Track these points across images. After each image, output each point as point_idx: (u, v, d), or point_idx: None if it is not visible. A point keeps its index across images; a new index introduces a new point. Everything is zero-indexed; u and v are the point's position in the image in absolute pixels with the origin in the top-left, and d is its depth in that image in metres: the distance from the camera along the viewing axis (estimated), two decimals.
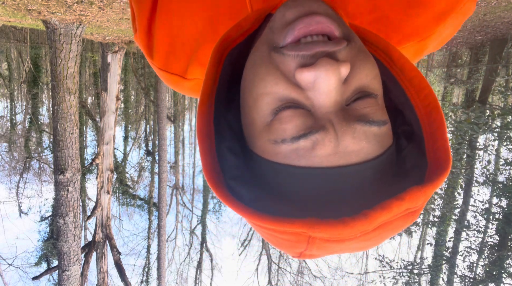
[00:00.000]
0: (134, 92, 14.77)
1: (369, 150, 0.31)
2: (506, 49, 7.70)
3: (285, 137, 0.31)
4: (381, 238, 0.32)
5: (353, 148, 0.30)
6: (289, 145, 0.31)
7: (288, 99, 0.32)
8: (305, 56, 0.31)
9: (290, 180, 0.32)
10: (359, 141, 0.31)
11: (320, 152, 0.30)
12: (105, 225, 6.86)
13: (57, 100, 4.31)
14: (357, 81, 0.32)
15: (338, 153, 0.30)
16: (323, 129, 0.30)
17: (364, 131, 0.31)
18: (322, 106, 0.31)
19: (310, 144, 0.31)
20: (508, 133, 6.91)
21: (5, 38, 11.55)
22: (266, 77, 0.33)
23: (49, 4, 3.96)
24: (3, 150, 12.46)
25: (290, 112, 0.31)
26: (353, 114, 0.31)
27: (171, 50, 0.55)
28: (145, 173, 13.87)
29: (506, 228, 6.80)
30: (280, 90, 0.32)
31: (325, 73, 0.29)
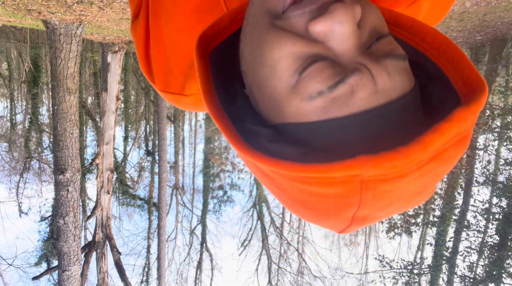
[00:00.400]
0: (134, 92, 14.77)
1: (404, 84, 0.31)
2: (506, 49, 7.70)
3: (321, 88, 0.30)
4: (438, 172, 0.30)
5: (390, 84, 0.30)
6: (327, 96, 0.30)
7: (310, 55, 0.31)
8: (312, 11, 0.31)
9: (334, 133, 0.30)
10: (394, 75, 0.30)
11: (361, 94, 0.29)
12: (105, 225, 6.86)
13: (57, 100, 4.31)
14: (370, 24, 0.32)
15: (378, 92, 0.30)
16: (358, 71, 0.29)
17: (394, 66, 0.30)
18: (346, 52, 0.30)
19: (348, 88, 0.29)
20: (508, 133, 6.91)
21: (5, 38, 11.55)
22: (280, 41, 0.31)
23: (49, 4, 3.96)
24: (3, 150, 12.46)
25: (317, 65, 0.30)
26: (378, 53, 0.30)
27: (168, 71, 0.57)
28: (145, 173, 13.88)
29: (506, 228, 6.80)
30: (299, 49, 0.31)
31: (340, 18, 0.29)
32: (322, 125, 0.31)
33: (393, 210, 0.32)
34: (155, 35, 0.57)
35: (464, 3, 5.04)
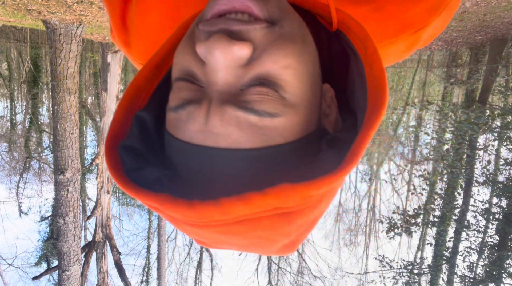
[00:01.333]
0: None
1: (240, 139, 0.29)
2: (506, 49, 7.70)
3: (171, 105, 0.31)
4: (249, 236, 0.30)
5: (220, 131, 0.29)
6: (172, 114, 0.31)
7: (188, 71, 0.32)
8: (209, 32, 0.31)
9: (169, 149, 0.32)
10: (228, 125, 0.29)
11: (190, 126, 0.30)
12: (105, 225, 6.86)
13: (57, 100, 4.31)
14: (261, 67, 0.30)
15: (205, 131, 0.29)
16: (198, 103, 0.30)
17: (236, 117, 0.29)
18: (211, 83, 0.30)
19: (185, 116, 0.30)
20: (508, 133, 6.91)
21: (5, 38, 11.55)
22: (181, 49, 0.33)
23: (49, 4, 3.96)
24: (3, 150, 12.46)
25: (182, 84, 0.31)
26: (234, 99, 0.29)
27: (148, 42, 0.55)
28: None
29: (506, 228, 6.80)
30: (186, 62, 0.32)
31: (215, 49, 0.28)
32: (167, 137, 0.32)
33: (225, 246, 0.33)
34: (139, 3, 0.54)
35: (464, 3, 5.04)
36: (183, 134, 0.30)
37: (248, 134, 0.29)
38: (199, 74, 0.31)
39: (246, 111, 0.29)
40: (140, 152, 0.34)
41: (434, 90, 11.75)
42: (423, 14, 0.48)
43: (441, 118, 8.13)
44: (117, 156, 0.33)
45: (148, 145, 0.35)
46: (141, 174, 0.31)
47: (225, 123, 0.29)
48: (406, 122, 12.12)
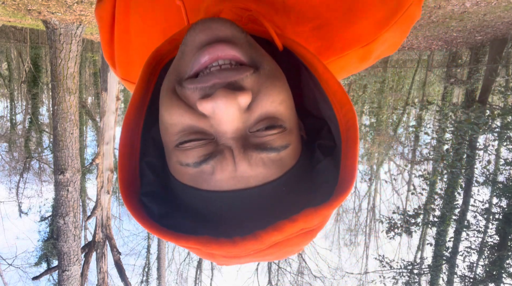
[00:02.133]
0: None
1: (267, 175, 0.33)
2: (506, 49, 7.70)
3: (189, 162, 0.33)
4: (281, 253, 0.34)
5: (250, 174, 0.32)
6: (192, 169, 0.33)
7: (194, 128, 0.34)
8: (204, 88, 0.32)
9: (194, 200, 0.34)
10: (256, 167, 0.32)
11: (219, 176, 0.32)
12: (105, 225, 6.86)
13: (57, 100, 4.31)
14: (262, 108, 0.33)
15: (236, 177, 0.32)
16: (221, 155, 0.32)
17: (261, 158, 0.33)
18: (223, 133, 0.33)
19: (210, 169, 0.33)
20: (508, 133, 6.91)
21: (5, 38, 11.55)
22: (172, 110, 0.34)
23: (49, 4, 3.96)
24: (3, 150, 12.46)
25: (193, 143, 0.33)
26: (252, 142, 0.33)
27: (130, 61, 0.56)
28: None
29: (506, 228, 6.80)
30: (186, 121, 0.33)
31: (223, 104, 0.30)
32: (188, 190, 0.34)
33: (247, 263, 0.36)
34: (121, 23, 0.55)
35: (464, 3, 5.04)
36: (210, 184, 0.33)
37: (272, 168, 0.33)
38: (205, 128, 0.33)
39: (268, 152, 0.33)
40: (162, 196, 0.37)
41: (434, 90, 11.75)
42: (370, 29, 0.48)
43: (441, 118, 8.13)
44: (137, 203, 0.36)
45: (164, 188, 0.38)
46: (173, 222, 0.35)
47: (253, 166, 0.32)
48: (406, 122, 12.12)
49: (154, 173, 0.38)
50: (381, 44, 0.50)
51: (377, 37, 0.48)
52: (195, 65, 0.34)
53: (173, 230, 0.33)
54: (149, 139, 0.41)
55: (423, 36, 7.02)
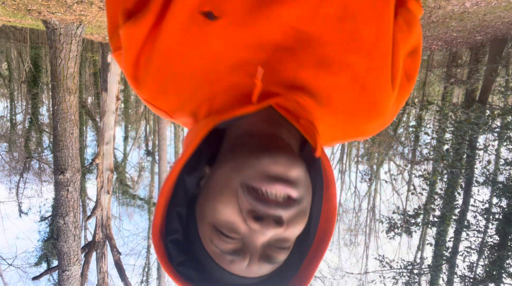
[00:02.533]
0: (134, 92, 14.74)
1: (264, 272, 0.46)
2: (506, 49, 7.70)
3: (219, 247, 0.44)
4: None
5: (256, 271, 0.45)
6: (218, 251, 0.44)
7: (232, 226, 0.44)
8: (260, 210, 0.42)
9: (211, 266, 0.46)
10: (260, 269, 0.45)
11: (236, 266, 0.44)
12: (105, 225, 6.86)
13: (57, 100, 4.31)
14: (285, 234, 0.44)
15: (245, 270, 0.44)
16: (243, 256, 0.44)
17: (267, 266, 0.45)
18: (252, 240, 0.43)
19: (229, 260, 0.44)
20: (508, 133, 6.91)
21: (5, 38, 11.55)
22: (227, 204, 0.43)
23: (49, 4, 3.96)
24: (3, 150, 12.46)
25: (227, 239, 0.44)
26: (266, 253, 0.45)
27: (163, 90, 0.53)
28: (145, 173, 13.87)
29: (506, 228, 6.80)
30: (232, 219, 0.43)
31: (267, 231, 0.42)
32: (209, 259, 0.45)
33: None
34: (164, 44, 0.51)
35: (464, 3, 5.04)
36: (227, 267, 0.45)
37: (267, 270, 0.46)
38: (242, 230, 0.43)
39: (273, 264, 0.45)
40: (182, 245, 0.48)
41: (434, 90, 11.75)
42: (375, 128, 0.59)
43: (441, 118, 8.13)
44: (163, 247, 0.47)
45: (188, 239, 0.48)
46: (187, 272, 0.46)
47: (259, 270, 0.45)
48: (406, 122, 12.12)
49: (180, 223, 0.48)
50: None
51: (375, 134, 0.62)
52: (258, 184, 0.42)
53: (183, 277, 0.46)
54: (181, 187, 0.49)
55: (423, 36, 7.01)
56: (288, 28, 0.49)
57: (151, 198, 12.74)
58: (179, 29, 0.50)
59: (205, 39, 0.50)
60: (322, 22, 0.50)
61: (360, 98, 0.55)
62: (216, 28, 0.49)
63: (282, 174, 0.41)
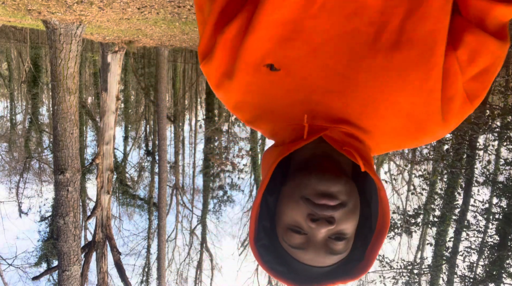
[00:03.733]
0: (134, 92, 14.76)
1: (328, 263, 0.59)
2: None
3: (289, 242, 0.59)
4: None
5: (322, 260, 0.58)
6: (288, 246, 0.59)
7: (298, 225, 0.58)
8: (315, 214, 0.56)
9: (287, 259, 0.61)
10: (325, 259, 0.58)
11: (305, 256, 0.58)
12: (105, 225, 6.86)
13: (57, 100, 4.31)
14: (338, 228, 0.57)
15: (312, 260, 0.58)
16: (307, 249, 0.58)
17: (330, 256, 0.58)
18: (314, 237, 0.57)
19: (298, 252, 0.58)
20: (508, 133, 6.91)
21: (5, 38, 11.55)
22: (293, 210, 0.58)
23: (49, 4, 3.96)
24: (3, 150, 12.47)
25: (297, 235, 0.58)
26: (329, 246, 0.57)
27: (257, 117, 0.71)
28: (145, 173, 13.87)
29: (506, 228, 6.80)
30: (298, 219, 0.58)
31: (322, 229, 0.55)
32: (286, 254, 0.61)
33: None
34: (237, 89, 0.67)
35: None
36: (298, 257, 0.59)
37: (332, 261, 0.59)
38: (305, 228, 0.58)
39: (336, 254, 0.58)
40: (268, 248, 0.63)
41: None
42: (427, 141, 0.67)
43: None
44: (257, 251, 0.63)
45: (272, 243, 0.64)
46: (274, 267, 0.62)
47: (325, 260, 0.58)
48: None
49: (265, 232, 0.64)
50: None
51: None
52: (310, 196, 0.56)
53: (274, 271, 0.62)
54: (265, 204, 0.66)
55: None
56: (336, 75, 0.61)
57: (151, 198, 12.74)
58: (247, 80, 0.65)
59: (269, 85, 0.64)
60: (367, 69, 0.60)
61: (406, 127, 0.64)
62: (277, 77, 0.63)
63: (325, 190, 0.56)
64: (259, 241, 0.63)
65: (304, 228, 0.58)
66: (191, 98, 16.50)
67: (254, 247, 0.63)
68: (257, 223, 0.64)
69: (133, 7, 4.57)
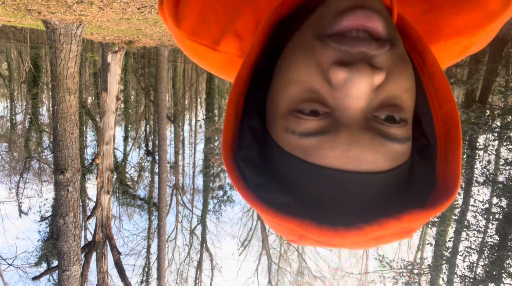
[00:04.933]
0: (134, 92, 14.76)
1: (382, 164, 0.31)
2: (506, 49, 7.70)
3: (295, 130, 0.31)
4: (372, 246, 0.33)
5: (365, 158, 0.30)
6: (296, 138, 0.31)
7: (316, 93, 0.32)
8: (346, 52, 0.30)
9: (295, 172, 0.32)
10: (375, 153, 0.30)
11: (327, 152, 0.30)
12: (105, 225, 6.86)
13: (57, 100, 4.31)
14: (388, 91, 0.31)
15: (348, 157, 0.30)
16: (334, 133, 0.30)
17: (383, 145, 0.30)
18: (346, 109, 0.31)
19: (316, 143, 0.31)
20: (508, 133, 6.91)
21: (5, 38, 11.55)
22: (302, 66, 0.32)
23: (49, 4, 3.96)
24: (3, 150, 12.47)
25: (311, 118, 0.31)
26: (374, 126, 0.31)
27: (203, 19, 0.50)
28: (145, 173, 13.87)
29: (506, 228, 6.80)
30: (312, 81, 0.32)
31: (358, 78, 0.29)
32: (290, 160, 0.32)
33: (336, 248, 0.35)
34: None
35: None
36: (318, 159, 0.31)
37: (387, 159, 0.31)
38: (327, 97, 0.31)
39: (392, 141, 0.31)
40: (258, 164, 0.35)
41: None
42: (481, 19, 0.46)
43: None
44: (236, 168, 0.34)
45: (262, 155, 0.36)
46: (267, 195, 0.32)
47: (373, 151, 0.30)
48: None
49: (254, 137, 0.36)
50: (485, 36, 0.48)
51: (485, 28, 0.46)
52: (335, 26, 0.31)
53: (269, 204, 0.32)
54: (252, 102, 0.38)
55: None
56: None
57: (151, 198, 12.74)
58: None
59: None
60: None
61: None
62: None
63: (360, 3, 0.31)
64: (240, 151, 0.35)
65: (325, 97, 0.31)
66: (191, 98, 16.50)
67: (230, 161, 0.34)
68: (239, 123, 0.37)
69: (133, 7, 4.57)
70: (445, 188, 0.33)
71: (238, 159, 0.35)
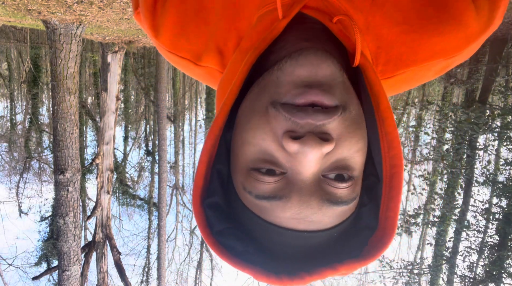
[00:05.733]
0: (134, 92, 14.76)
1: (329, 223, 0.34)
2: (506, 49, 7.70)
3: (252, 191, 0.34)
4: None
5: (314, 219, 0.34)
6: (253, 199, 0.35)
7: (269, 156, 0.34)
8: (295, 123, 0.32)
9: (252, 224, 0.36)
10: (323, 215, 0.34)
11: (280, 214, 0.34)
12: (105, 225, 6.86)
13: (57, 100, 4.31)
14: (339, 154, 0.34)
15: (298, 219, 0.33)
16: (287, 197, 0.33)
17: (330, 210, 0.34)
18: (298, 174, 0.33)
19: (269, 206, 0.34)
20: (508, 133, 6.91)
21: (5, 38, 11.55)
22: (257, 130, 0.34)
23: (49, 4, 3.96)
24: (3, 150, 12.46)
25: (266, 178, 0.34)
26: (324, 189, 0.34)
27: (183, 31, 0.49)
28: (145, 173, 13.87)
29: (506, 228, 6.80)
30: (267, 147, 0.34)
31: (309, 150, 0.31)
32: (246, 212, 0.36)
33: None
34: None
35: None
36: (271, 218, 0.34)
37: (336, 218, 0.35)
38: (281, 160, 0.34)
39: (338, 205, 0.34)
40: (223, 210, 0.38)
41: (434, 90, 11.75)
42: (460, 42, 0.45)
43: (441, 118, 8.13)
44: (203, 213, 0.38)
45: (227, 201, 0.39)
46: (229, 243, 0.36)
47: (321, 214, 0.34)
48: (406, 122, 12.12)
49: (221, 183, 0.39)
50: (463, 56, 0.48)
51: (463, 50, 0.46)
52: (289, 99, 0.34)
53: (228, 250, 0.36)
54: (223, 142, 0.40)
55: None
56: None
57: (151, 198, 12.74)
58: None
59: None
60: None
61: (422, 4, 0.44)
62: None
63: (310, 76, 0.33)
64: (208, 198, 0.38)
65: (279, 159, 0.33)
66: (191, 98, 16.50)
67: (198, 207, 0.37)
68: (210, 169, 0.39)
69: None
70: (383, 233, 0.36)
71: (205, 206, 0.38)
